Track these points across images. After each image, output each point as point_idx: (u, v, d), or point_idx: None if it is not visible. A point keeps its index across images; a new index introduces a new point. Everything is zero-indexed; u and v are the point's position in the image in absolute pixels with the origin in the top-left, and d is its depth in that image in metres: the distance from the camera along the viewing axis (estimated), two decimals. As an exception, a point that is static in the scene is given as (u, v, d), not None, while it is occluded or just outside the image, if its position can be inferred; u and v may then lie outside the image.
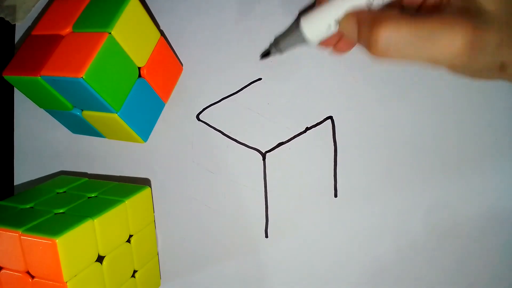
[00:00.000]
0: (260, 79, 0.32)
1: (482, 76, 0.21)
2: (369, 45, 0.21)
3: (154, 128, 0.34)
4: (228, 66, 0.33)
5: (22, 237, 0.24)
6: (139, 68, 0.30)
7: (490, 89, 0.28)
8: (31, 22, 0.39)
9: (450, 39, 0.19)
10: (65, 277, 0.24)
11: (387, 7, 0.22)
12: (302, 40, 0.24)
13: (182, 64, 0.34)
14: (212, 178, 0.32)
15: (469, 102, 0.28)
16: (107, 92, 0.27)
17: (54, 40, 0.28)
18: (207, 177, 0.32)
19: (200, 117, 0.33)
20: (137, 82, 0.30)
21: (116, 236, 0.28)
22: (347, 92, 0.28)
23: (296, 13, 0.31)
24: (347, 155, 0.30)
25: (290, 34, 0.25)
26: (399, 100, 0.29)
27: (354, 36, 0.22)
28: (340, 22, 0.23)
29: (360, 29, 0.22)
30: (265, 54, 0.27)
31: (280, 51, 0.25)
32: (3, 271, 0.26)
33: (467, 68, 0.20)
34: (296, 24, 0.24)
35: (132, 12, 0.28)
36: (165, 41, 0.32)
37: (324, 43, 0.26)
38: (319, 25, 0.23)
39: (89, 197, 0.29)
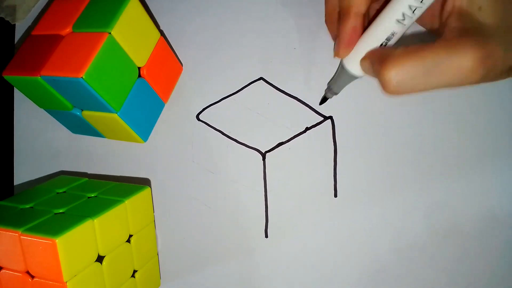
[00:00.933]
0: (260, 79, 0.32)
1: (491, 81, 0.21)
2: (382, 85, 0.21)
3: (154, 128, 0.34)
4: (228, 66, 0.33)
5: (22, 237, 0.24)
6: (139, 68, 0.30)
7: (490, 89, 0.28)
8: (31, 22, 0.39)
9: (460, 62, 0.19)
10: (65, 277, 0.24)
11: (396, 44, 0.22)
12: (351, 77, 0.25)
13: (182, 64, 0.34)
14: (212, 178, 0.32)
15: (469, 102, 0.28)
16: (107, 92, 0.27)
17: (54, 40, 0.28)
18: (207, 177, 0.32)
19: (200, 117, 0.33)
20: (137, 82, 0.30)
21: (116, 236, 0.28)
22: (347, 92, 0.28)
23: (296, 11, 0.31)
24: (347, 155, 0.30)
25: (339, 76, 0.26)
26: (399, 100, 0.29)
27: (373, 76, 0.22)
28: (360, 63, 0.24)
29: (374, 70, 0.22)
30: (323, 101, 0.29)
31: (335, 93, 0.28)
32: (3, 271, 0.26)
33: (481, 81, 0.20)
34: (341, 66, 0.26)
35: (132, 12, 0.28)
36: (165, 41, 0.32)
37: None
38: (357, 63, 0.24)
39: (89, 197, 0.29)
